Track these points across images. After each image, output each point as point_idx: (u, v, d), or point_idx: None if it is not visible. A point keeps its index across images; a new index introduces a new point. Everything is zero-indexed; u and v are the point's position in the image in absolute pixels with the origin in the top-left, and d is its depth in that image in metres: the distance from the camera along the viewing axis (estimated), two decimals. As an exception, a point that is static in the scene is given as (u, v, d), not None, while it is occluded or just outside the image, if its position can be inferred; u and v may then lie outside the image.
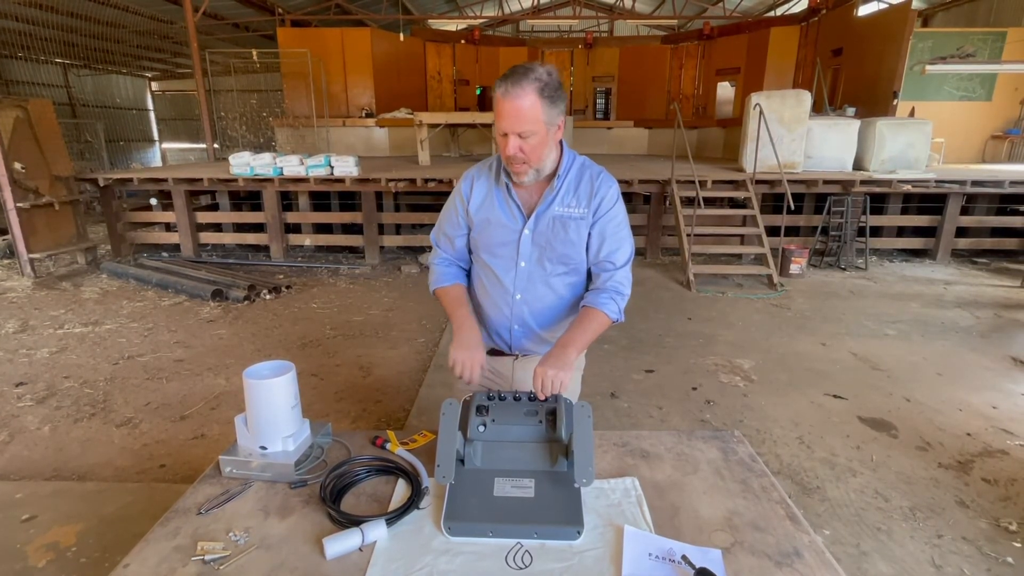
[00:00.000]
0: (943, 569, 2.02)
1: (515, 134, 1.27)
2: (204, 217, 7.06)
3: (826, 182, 6.41)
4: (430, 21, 14.84)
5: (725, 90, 11.75)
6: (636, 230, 6.89)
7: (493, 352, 1.57)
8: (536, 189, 1.42)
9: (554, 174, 1.39)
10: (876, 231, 6.65)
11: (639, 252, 6.93)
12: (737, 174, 6.60)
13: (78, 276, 6.08)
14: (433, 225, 1.60)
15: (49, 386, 3.50)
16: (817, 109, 7.69)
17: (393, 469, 1.22)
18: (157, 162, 17.82)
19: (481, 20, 15.12)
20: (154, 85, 18.49)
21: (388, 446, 1.32)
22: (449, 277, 1.53)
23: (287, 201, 7.10)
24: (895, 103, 7.79)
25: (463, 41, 12.36)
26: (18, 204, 5.76)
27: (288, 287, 5.62)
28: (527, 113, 1.25)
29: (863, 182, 6.33)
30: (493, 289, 1.49)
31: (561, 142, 1.40)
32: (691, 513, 1.10)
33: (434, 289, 1.55)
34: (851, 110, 7.75)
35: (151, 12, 11.01)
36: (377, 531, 1.02)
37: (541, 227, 1.40)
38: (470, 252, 1.55)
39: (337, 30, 10.49)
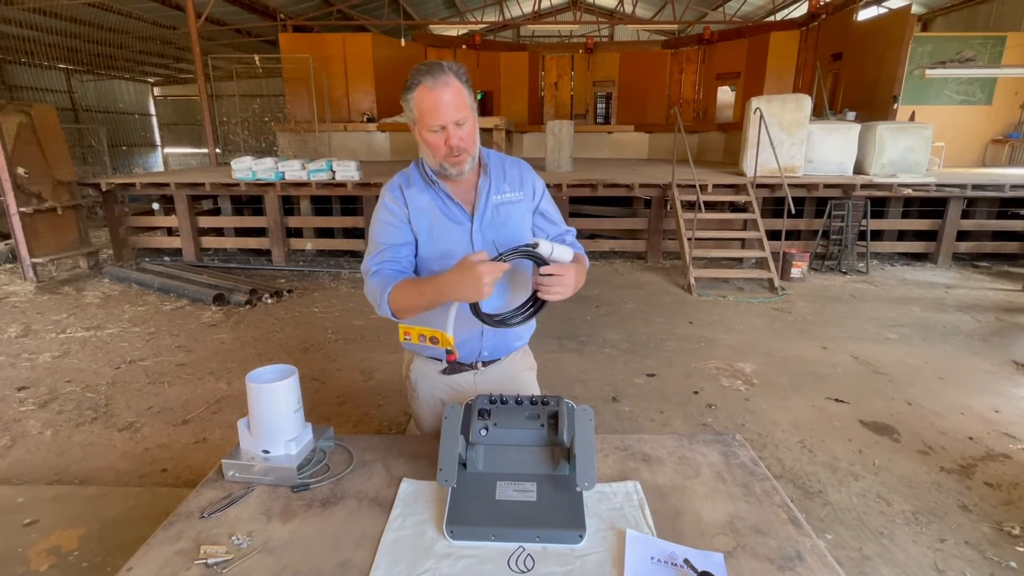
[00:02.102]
0: (946, 573, 2.01)
1: (453, 123, 1.26)
2: (206, 222, 7.08)
3: (826, 186, 6.42)
4: (431, 26, 14.92)
5: (725, 94, 11.80)
6: (637, 234, 6.93)
7: (451, 368, 1.52)
8: (467, 186, 1.40)
9: (478, 167, 1.41)
10: (877, 235, 6.66)
11: (640, 256, 6.95)
12: (738, 178, 6.61)
13: (80, 280, 6.09)
14: None
15: (51, 390, 3.51)
16: (817, 113, 7.71)
17: None
18: (159, 167, 17.89)
19: (482, 25, 15.18)
20: (156, 90, 18.59)
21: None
22: (396, 278, 1.32)
23: (289, 205, 7.12)
24: (895, 107, 7.82)
25: (464, 46, 12.44)
26: (21, 209, 5.78)
27: (290, 291, 5.63)
28: (458, 99, 1.25)
29: (863, 186, 6.34)
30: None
31: None
32: (693, 517, 1.10)
33: (388, 294, 1.28)
34: (851, 114, 7.77)
35: (154, 18, 11.07)
36: None
37: (487, 219, 1.40)
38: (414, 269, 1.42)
39: (339, 35, 10.55)
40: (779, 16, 12.88)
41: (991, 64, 8.17)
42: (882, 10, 10.36)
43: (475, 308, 1.26)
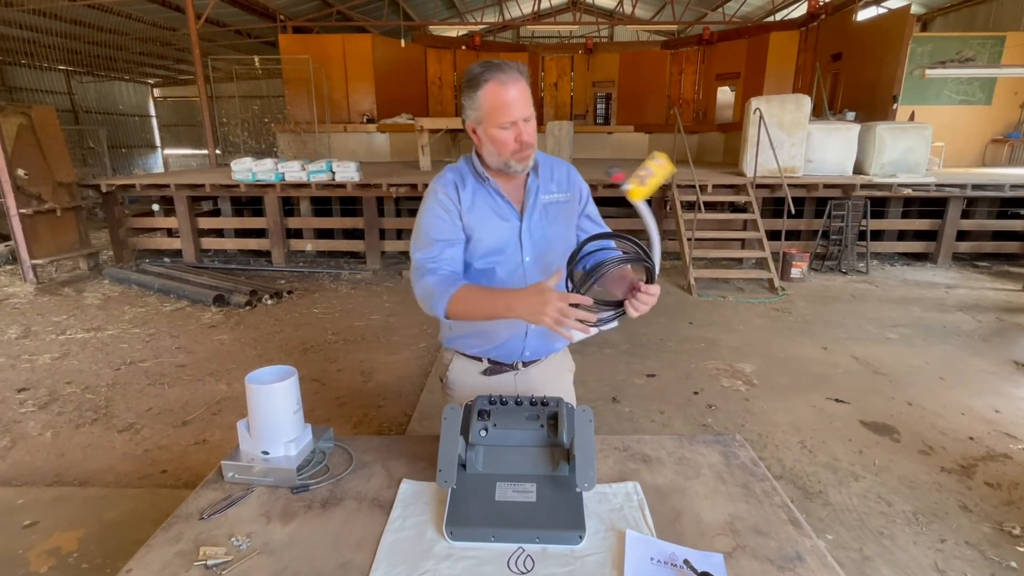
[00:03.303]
0: (947, 574, 2.01)
1: (522, 119, 1.28)
2: (206, 223, 7.08)
3: (826, 186, 6.42)
4: (431, 27, 14.92)
5: (725, 95, 11.79)
6: (637, 235, 6.90)
7: (492, 369, 1.52)
8: (516, 185, 1.41)
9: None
10: (877, 235, 6.66)
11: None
12: (737, 178, 6.61)
13: (80, 282, 6.09)
14: None
15: (51, 392, 3.51)
16: (817, 113, 7.71)
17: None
18: (159, 168, 17.89)
19: (482, 26, 15.19)
20: (156, 91, 18.58)
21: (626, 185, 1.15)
22: (457, 282, 1.30)
23: (289, 207, 7.12)
24: (895, 107, 7.81)
25: (464, 47, 12.43)
26: (21, 210, 5.78)
27: (290, 292, 5.63)
28: (527, 96, 1.28)
29: (863, 186, 6.34)
30: None
31: None
32: (693, 517, 1.10)
33: (450, 296, 1.26)
34: (851, 114, 7.77)
35: (154, 19, 11.08)
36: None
37: (535, 219, 1.41)
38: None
39: (338, 36, 10.55)
40: (778, 16, 12.88)
41: (990, 64, 8.17)
42: (881, 10, 10.36)
43: (571, 272, 1.24)
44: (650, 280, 1.19)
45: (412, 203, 7.26)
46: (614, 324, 1.21)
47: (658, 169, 1.10)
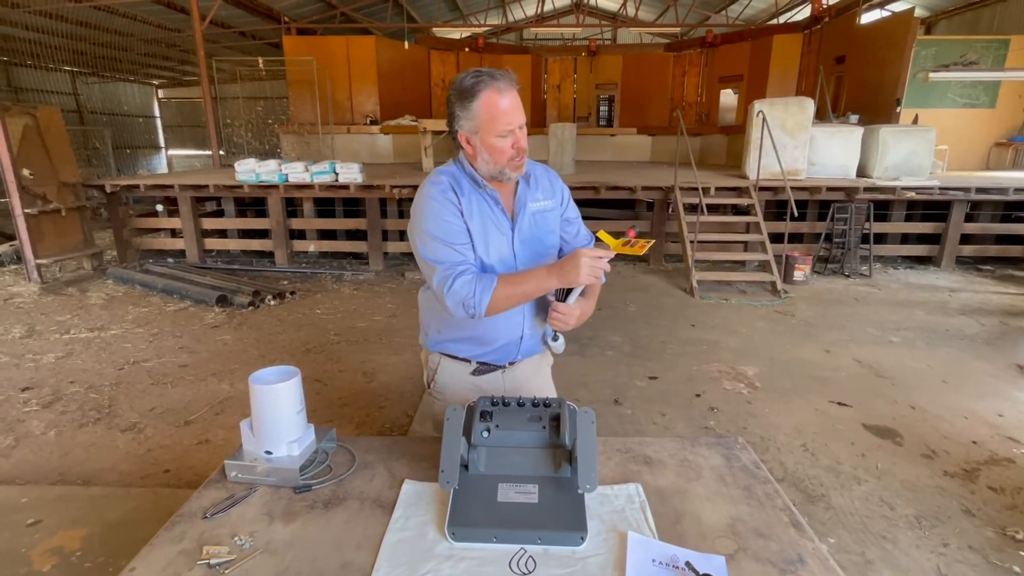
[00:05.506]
0: (949, 578, 2.01)
1: (519, 127, 1.30)
2: (209, 223, 7.10)
3: (829, 189, 6.41)
4: (434, 29, 14.95)
5: (728, 97, 11.79)
6: (640, 237, 6.90)
7: (481, 369, 1.52)
8: (507, 194, 1.41)
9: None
10: (880, 238, 6.64)
11: (641, 259, 6.94)
12: (740, 181, 6.60)
13: (84, 282, 6.11)
14: None
15: (55, 391, 3.52)
16: (820, 116, 7.70)
17: None
18: (163, 169, 17.94)
19: (485, 28, 15.22)
20: (161, 92, 18.65)
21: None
22: (492, 276, 1.31)
23: (292, 207, 7.14)
24: (898, 110, 7.80)
25: (467, 49, 12.46)
26: (26, 210, 5.81)
27: (292, 293, 5.64)
28: (520, 103, 1.30)
29: (866, 189, 6.33)
30: None
31: None
32: (694, 519, 1.10)
33: (494, 288, 1.27)
34: (854, 117, 7.76)
35: (158, 20, 11.13)
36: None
37: (525, 227, 1.41)
38: None
39: (342, 38, 10.59)
40: (782, 19, 12.87)
41: (995, 67, 8.15)
42: (885, 13, 10.34)
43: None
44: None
45: (415, 204, 7.26)
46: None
47: (628, 249, 1.36)
